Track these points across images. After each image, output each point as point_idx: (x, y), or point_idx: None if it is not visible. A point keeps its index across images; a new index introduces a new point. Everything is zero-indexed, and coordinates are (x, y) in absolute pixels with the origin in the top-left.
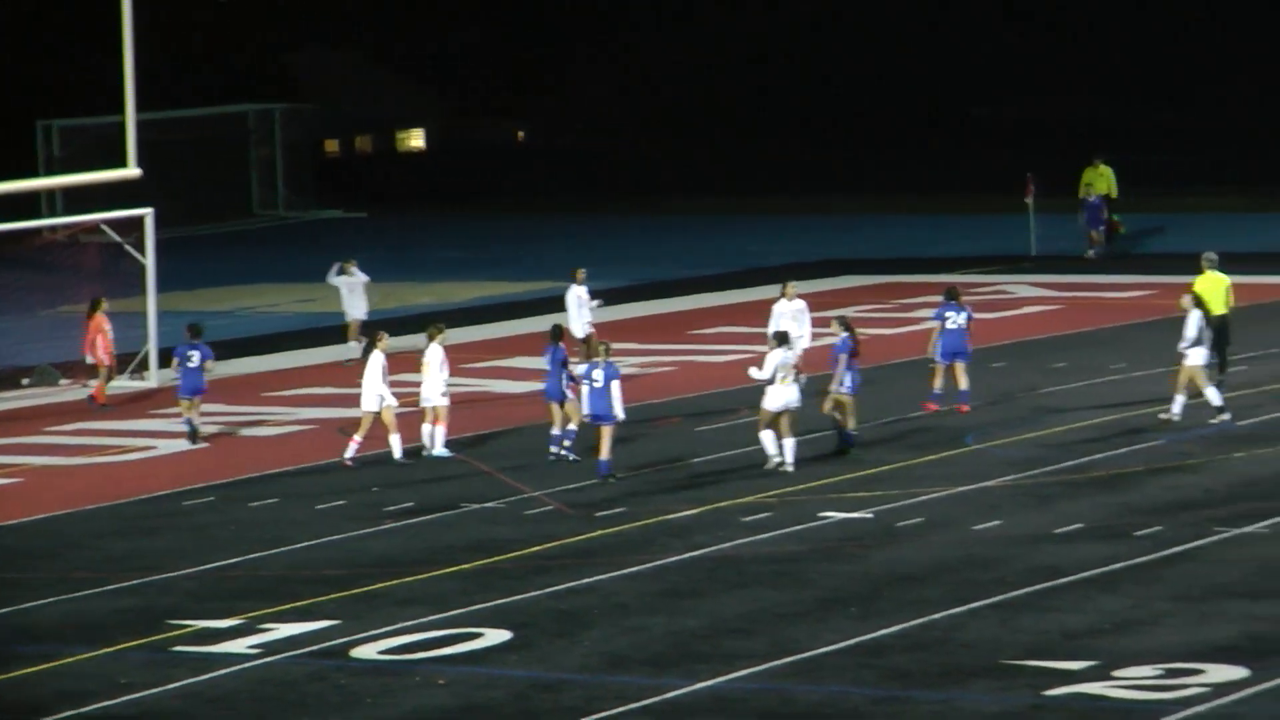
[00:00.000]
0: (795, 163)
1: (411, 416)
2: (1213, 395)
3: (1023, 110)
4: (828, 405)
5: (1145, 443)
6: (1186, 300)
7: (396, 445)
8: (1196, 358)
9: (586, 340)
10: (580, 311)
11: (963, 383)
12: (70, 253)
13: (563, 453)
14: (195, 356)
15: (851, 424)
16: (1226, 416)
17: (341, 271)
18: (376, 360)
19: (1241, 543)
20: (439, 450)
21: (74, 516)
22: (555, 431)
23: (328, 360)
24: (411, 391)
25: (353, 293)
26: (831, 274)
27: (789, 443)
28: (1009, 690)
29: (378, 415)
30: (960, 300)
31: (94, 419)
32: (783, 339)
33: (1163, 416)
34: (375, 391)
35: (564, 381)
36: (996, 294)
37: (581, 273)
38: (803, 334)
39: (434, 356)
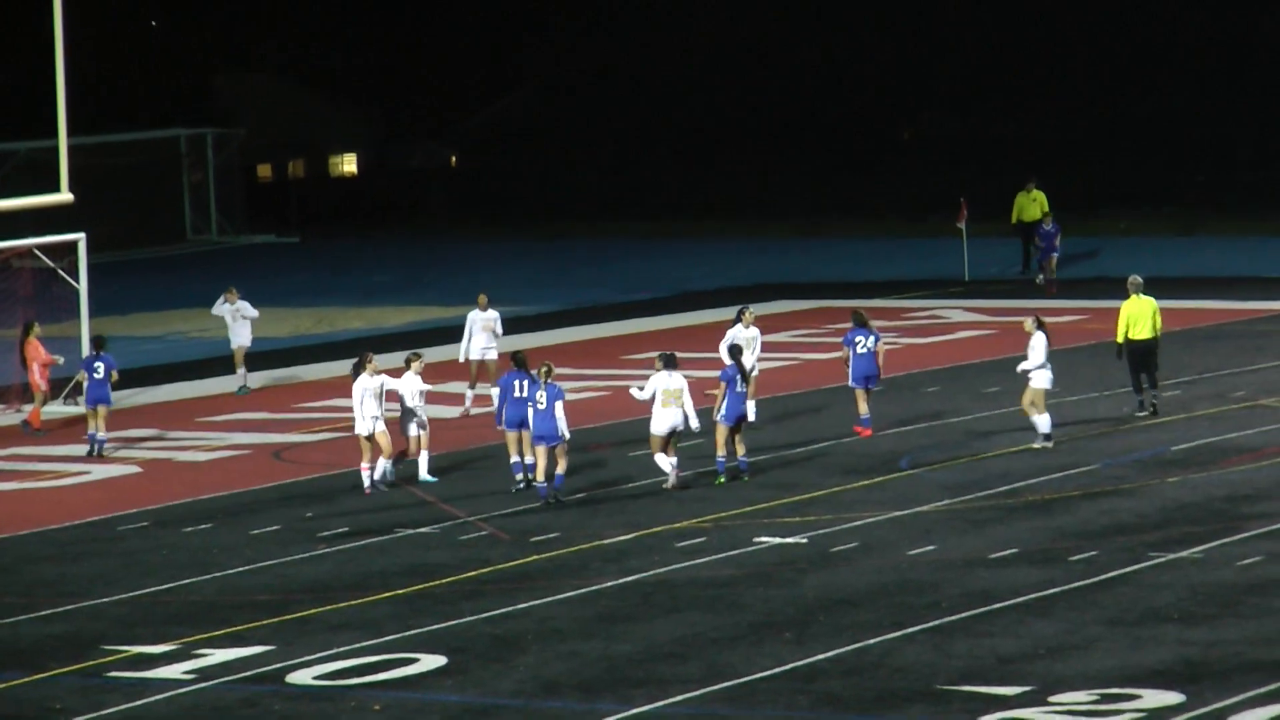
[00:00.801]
0: (730, 186)
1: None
2: (1043, 423)
3: (956, 132)
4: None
5: (1079, 467)
6: (1030, 323)
7: (382, 466)
8: (1041, 380)
9: (481, 364)
10: (475, 337)
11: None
12: (2, 277)
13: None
14: (101, 368)
15: (740, 451)
16: (1049, 445)
17: (225, 301)
18: (365, 383)
19: (1175, 567)
20: (424, 475)
21: (6, 541)
22: (516, 459)
23: (260, 385)
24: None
25: (236, 321)
26: (766, 298)
27: (671, 460)
28: (943, 715)
29: (371, 438)
30: (868, 324)
31: (28, 443)
32: (669, 361)
33: (1036, 446)
34: (369, 414)
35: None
36: (930, 318)
37: (484, 298)
38: (753, 363)
39: (409, 385)
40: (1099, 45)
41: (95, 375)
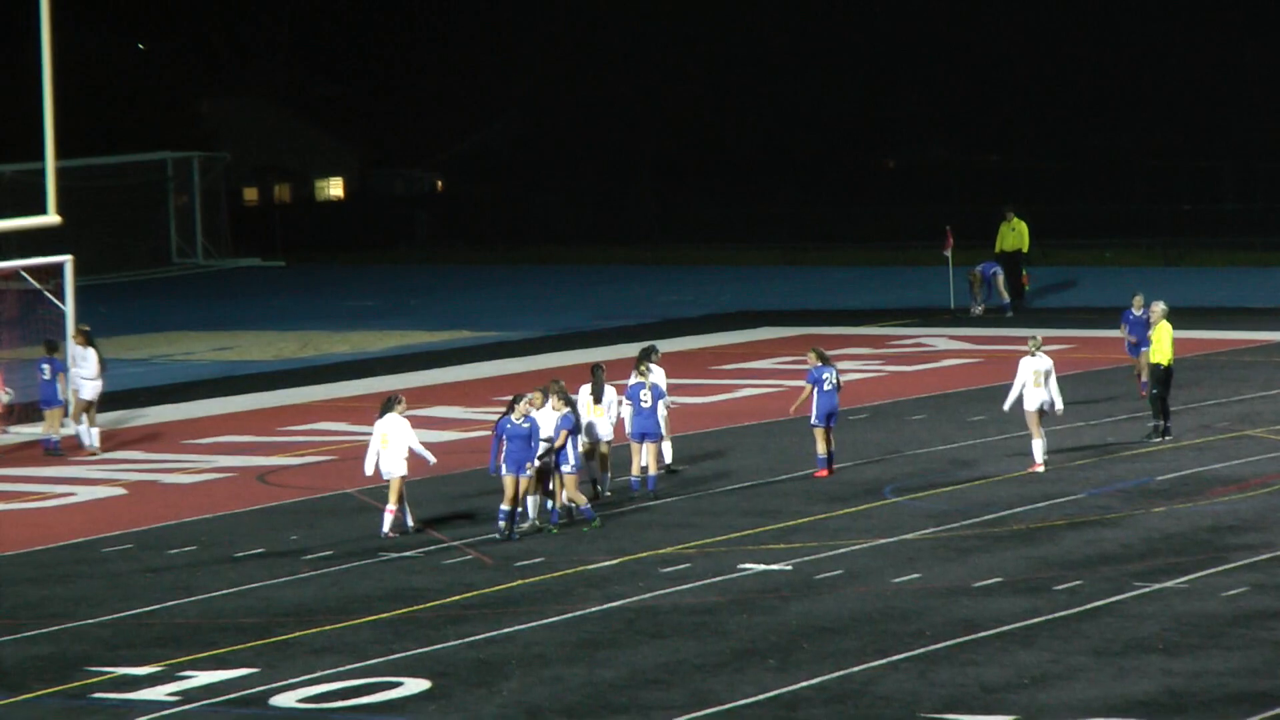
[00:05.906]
0: (714, 214)
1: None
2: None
3: (941, 161)
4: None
5: (1064, 496)
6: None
7: (408, 514)
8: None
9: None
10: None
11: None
12: None
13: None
14: (48, 369)
15: (567, 500)
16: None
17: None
18: (396, 423)
19: (1159, 598)
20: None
21: None
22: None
23: (245, 409)
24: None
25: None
26: (749, 325)
27: (530, 500)
28: None
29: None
30: (829, 360)
31: (11, 465)
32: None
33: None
34: (400, 456)
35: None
36: (916, 346)
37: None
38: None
39: (547, 419)
40: (1087, 75)
41: (43, 376)
